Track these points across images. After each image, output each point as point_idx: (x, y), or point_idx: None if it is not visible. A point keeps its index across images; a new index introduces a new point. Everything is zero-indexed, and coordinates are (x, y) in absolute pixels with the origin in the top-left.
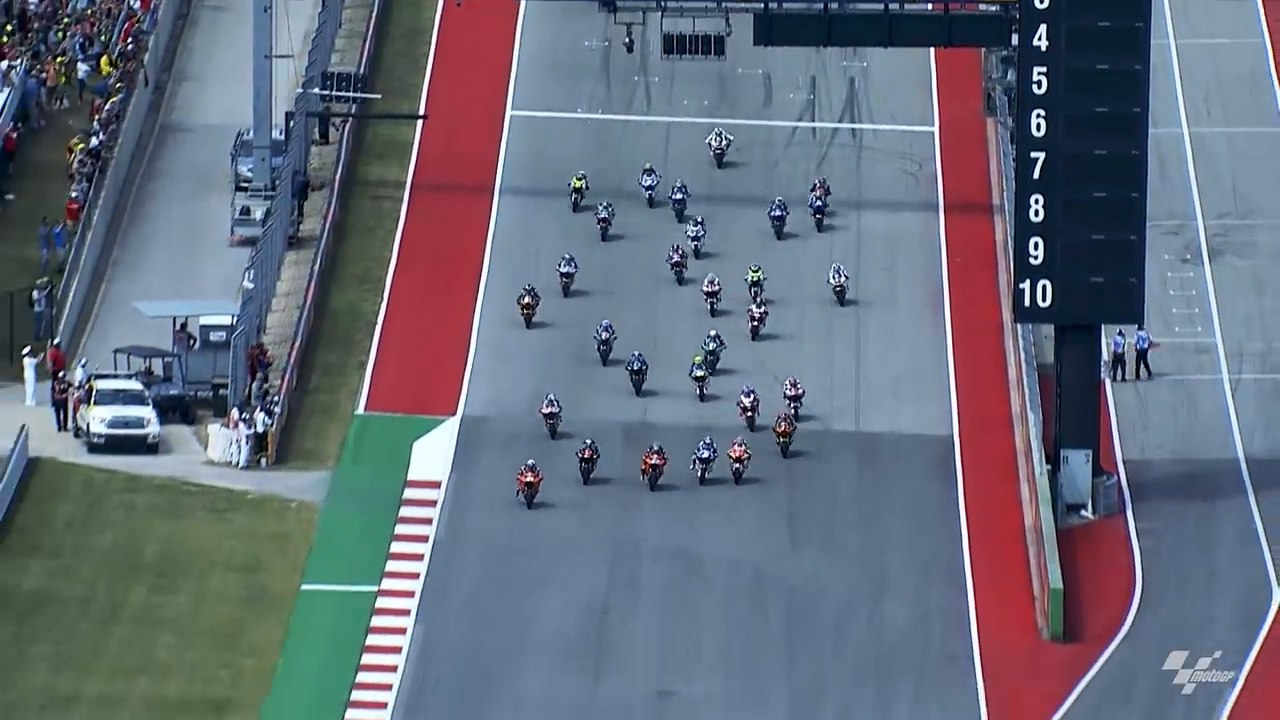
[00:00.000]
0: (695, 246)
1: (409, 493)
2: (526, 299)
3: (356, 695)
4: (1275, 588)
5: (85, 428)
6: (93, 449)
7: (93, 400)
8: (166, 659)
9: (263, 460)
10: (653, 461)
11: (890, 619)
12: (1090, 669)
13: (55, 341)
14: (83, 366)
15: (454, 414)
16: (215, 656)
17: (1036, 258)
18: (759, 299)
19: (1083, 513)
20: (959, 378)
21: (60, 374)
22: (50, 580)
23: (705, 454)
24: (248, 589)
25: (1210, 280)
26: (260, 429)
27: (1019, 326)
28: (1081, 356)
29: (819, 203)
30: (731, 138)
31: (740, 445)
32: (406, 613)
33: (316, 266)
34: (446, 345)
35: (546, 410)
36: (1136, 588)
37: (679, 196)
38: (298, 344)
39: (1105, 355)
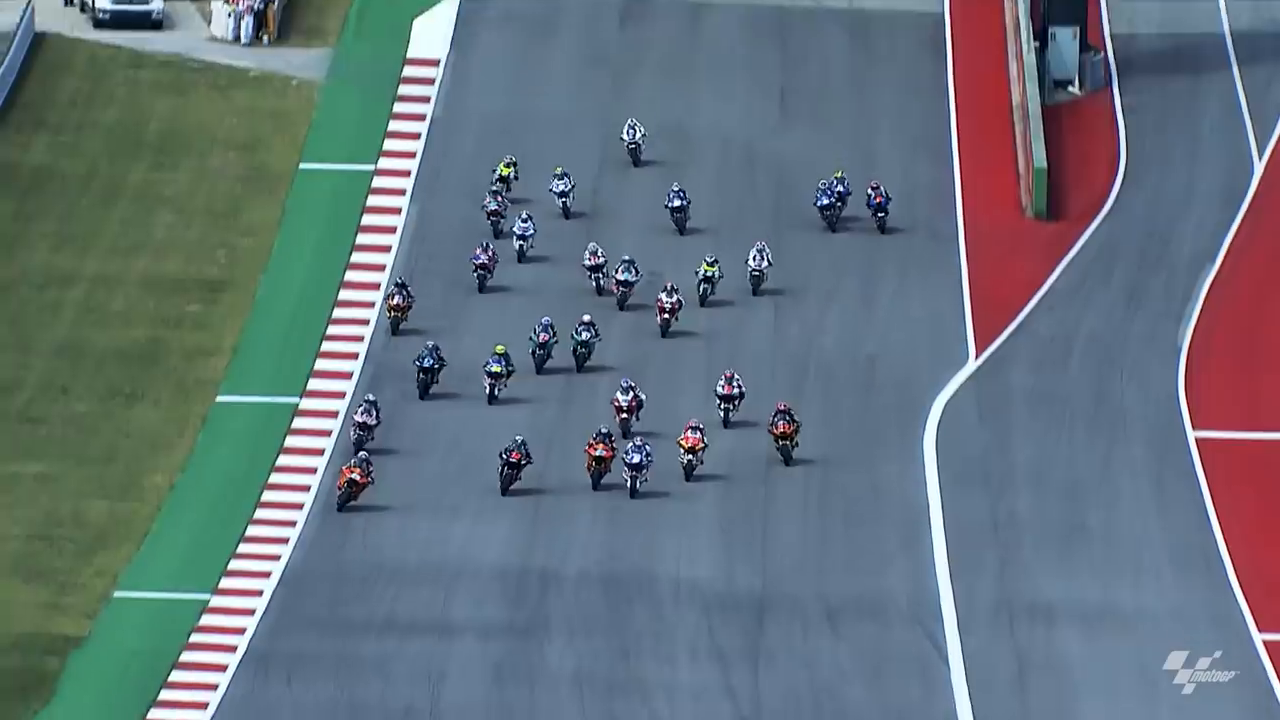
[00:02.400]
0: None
1: (408, 70)
2: None
3: (351, 276)
4: (1256, 160)
5: (91, 3)
6: (98, 24)
7: None
8: (165, 238)
9: (265, 37)
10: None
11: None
12: (1074, 246)
13: None
14: None
15: None
16: (213, 235)
17: None
18: None
19: (1070, 89)
20: None
21: None
22: (53, 157)
23: None
24: (247, 168)
25: None
26: (261, 5)
27: None
28: None
29: None
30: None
31: None
32: (402, 193)
33: None
34: None
35: None
36: (1121, 163)
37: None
38: None
39: None
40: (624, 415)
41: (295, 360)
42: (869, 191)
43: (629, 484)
